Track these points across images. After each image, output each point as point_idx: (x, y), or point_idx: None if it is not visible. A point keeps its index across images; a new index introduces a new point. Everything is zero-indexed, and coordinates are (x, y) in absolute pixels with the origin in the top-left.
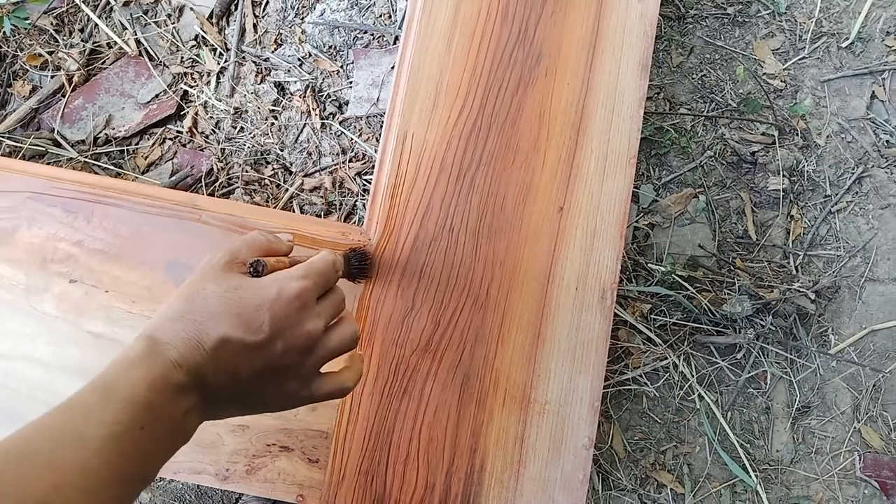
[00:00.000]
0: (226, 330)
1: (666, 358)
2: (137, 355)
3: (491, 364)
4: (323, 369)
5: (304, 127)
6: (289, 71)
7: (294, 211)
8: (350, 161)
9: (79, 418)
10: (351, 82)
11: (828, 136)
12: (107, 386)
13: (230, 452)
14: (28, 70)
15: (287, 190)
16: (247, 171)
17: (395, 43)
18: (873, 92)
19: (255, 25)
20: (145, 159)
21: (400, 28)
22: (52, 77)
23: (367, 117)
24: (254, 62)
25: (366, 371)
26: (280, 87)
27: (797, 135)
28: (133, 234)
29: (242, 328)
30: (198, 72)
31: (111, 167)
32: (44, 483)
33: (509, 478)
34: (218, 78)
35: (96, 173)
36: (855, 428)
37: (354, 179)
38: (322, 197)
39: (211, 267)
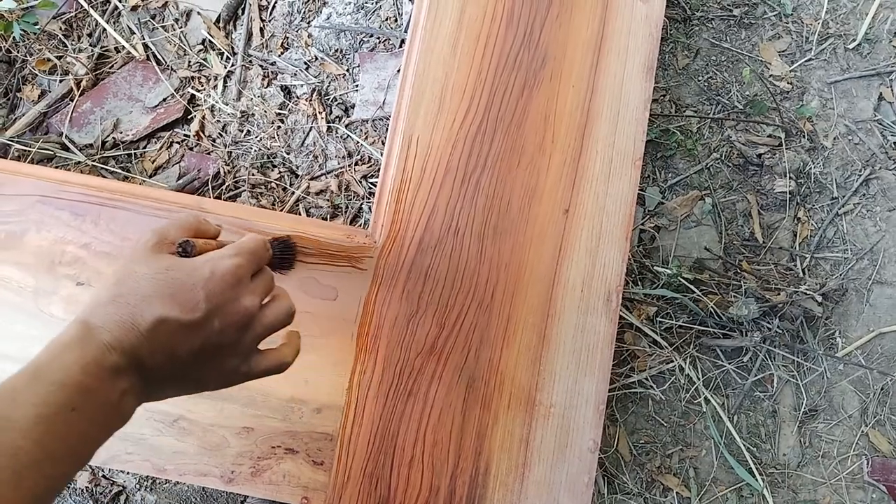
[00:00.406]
0: (161, 310)
1: (672, 361)
2: (70, 339)
3: (496, 366)
4: (262, 346)
5: (310, 130)
6: (295, 74)
7: (300, 214)
8: (356, 164)
9: (6, 401)
10: (357, 86)
11: (835, 138)
12: (37, 370)
13: (235, 454)
14: (37, 75)
15: (293, 193)
16: (253, 175)
17: (401, 46)
18: (881, 93)
19: (261, 29)
20: (153, 163)
21: (406, 31)
22: (60, 81)
23: (373, 120)
24: (260, 66)
25: (370, 373)
26: (286, 90)
27: (804, 137)
28: (140, 238)
29: (178, 308)
30: (205, 76)
31: (119, 171)
32: None
33: (514, 481)
34: (225, 82)
35: (104, 177)
36: (862, 432)
37: (360, 183)
38: (328, 200)
39: (140, 249)
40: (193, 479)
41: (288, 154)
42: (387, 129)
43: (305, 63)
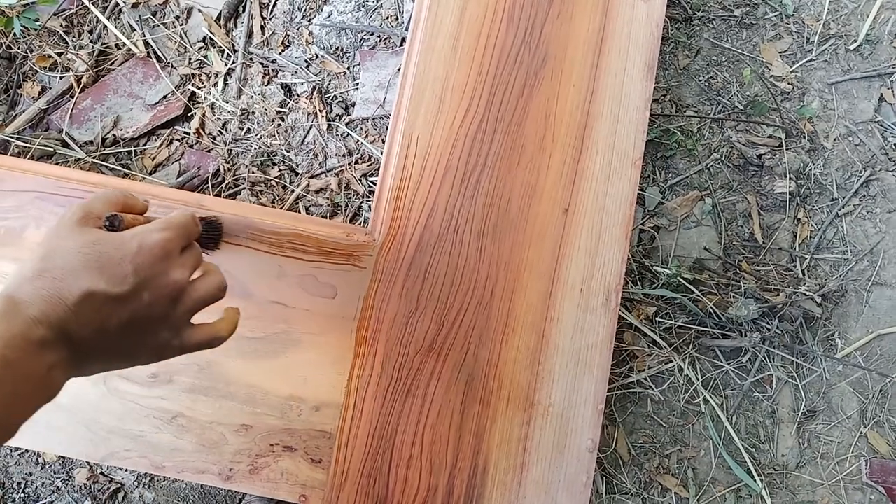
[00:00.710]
0: (89, 284)
1: (671, 361)
2: None
3: (495, 365)
4: (196, 322)
5: (310, 128)
6: (296, 72)
7: (300, 212)
8: (356, 162)
9: None
10: (357, 84)
11: (835, 139)
12: None
13: (233, 452)
14: (37, 71)
15: (293, 191)
16: (253, 172)
17: (401, 45)
18: (881, 95)
19: (262, 27)
20: (153, 160)
21: (407, 30)
22: (61, 78)
23: (374, 119)
24: (261, 64)
25: (369, 371)
26: (287, 88)
27: (804, 137)
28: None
29: (106, 281)
30: (205, 73)
31: (119, 168)
32: None
33: (512, 480)
34: (225, 79)
35: (104, 174)
36: (861, 433)
37: (360, 181)
38: (328, 198)
39: (65, 223)
40: (191, 476)
41: (288, 152)
42: (387, 128)
43: (306, 61)
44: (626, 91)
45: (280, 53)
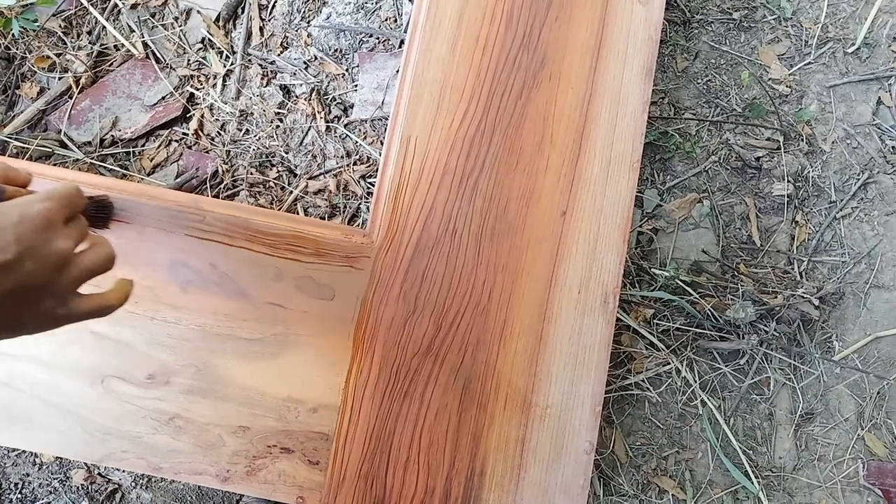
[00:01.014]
0: None
1: (669, 363)
2: None
3: (492, 368)
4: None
5: (308, 130)
6: (294, 74)
7: (298, 213)
8: (354, 164)
9: None
10: (356, 85)
11: (833, 142)
12: None
13: (231, 453)
14: (36, 72)
15: (291, 192)
16: (251, 174)
17: (400, 47)
18: (879, 98)
19: (261, 29)
20: (151, 161)
21: (405, 32)
22: (59, 79)
23: (372, 120)
24: (260, 65)
25: (366, 373)
26: (285, 89)
27: (802, 140)
28: (137, 236)
29: None
30: (204, 74)
31: (117, 168)
32: None
33: (510, 482)
34: (224, 80)
35: (102, 175)
36: (859, 435)
37: (359, 182)
38: (326, 200)
39: None
40: (189, 477)
41: (286, 153)
42: (386, 130)
43: (305, 62)
44: (624, 94)
45: (279, 55)
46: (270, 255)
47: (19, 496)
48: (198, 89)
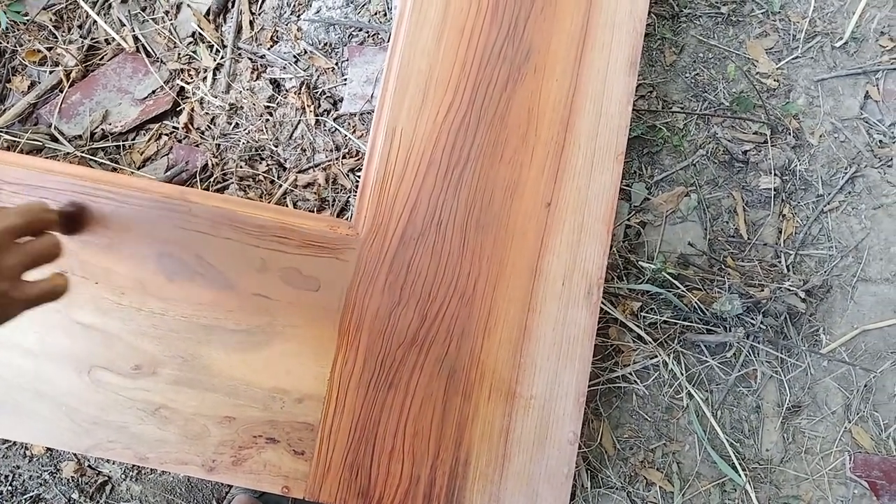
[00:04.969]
0: None
1: (656, 356)
2: None
3: (477, 358)
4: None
5: (298, 123)
6: (284, 68)
7: (288, 207)
8: (343, 157)
9: None
10: (345, 79)
11: (821, 136)
12: None
13: (216, 444)
14: (27, 65)
15: (281, 186)
16: (241, 167)
17: (389, 40)
18: (867, 92)
19: (251, 22)
20: (141, 154)
21: None
22: (50, 72)
23: (361, 114)
24: (250, 59)
25: (352, 364)
26: (275, 83)
27: (790, 134)
28: (124, 227)
29: None
30: (194, 68)
31: (108, 162)
32: None
33: (494, 471)
34: (214, 74)
35: (92, 168)
36: (846, 428)
37: (347, 176)
38: (315, 193)
39: None
40: (174, 467)
41: (276, 147)
42: None
43: (294, 56)
44: (609, 86)
45: (269, 49)
46: (256, 247)
47: (10, 488)
48: (188, 83)
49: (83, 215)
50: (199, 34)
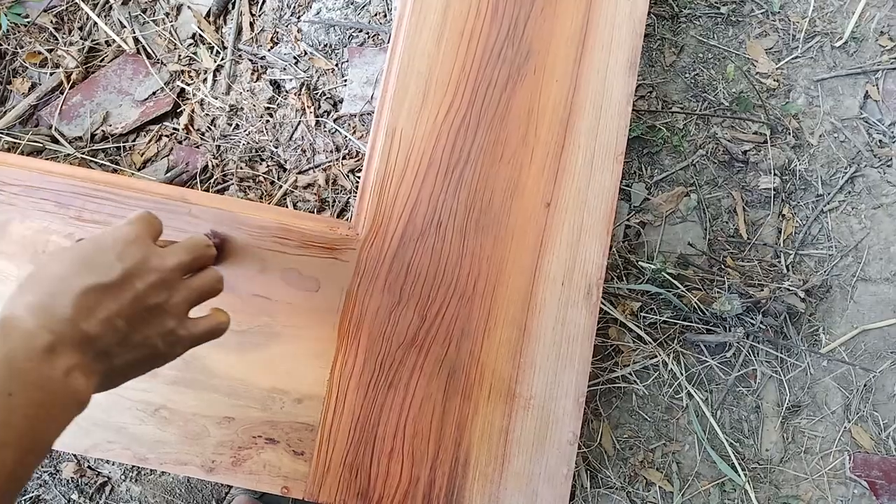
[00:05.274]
0: (81, 281)
1: (656, 356)
2: None
3: (477, 358)
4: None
5: (298, 124)
6: (284, 69)
7: (287, 208)
8: (343, 158)
9: None
10: (346, 80)
11: (820, 136)
12: None
13: (216, 444)
14: (27, 67)
15: (281, 187)
16: (241, 168)
17: (389, 41)
18: (867, 91)
19: (251, 24)
20: (141, 156)
21: None
22: (50, 74)
23: (361, 115)
24: (250, 60)
25: (351, 364)
26: (276, 84)
27: (789, 134)
28: None
29: (94, 273)
30: (194, 70)
31: (108, 164)
32: None
33: (493, 471)
34: (214, 76)
35: (93, 169)
36: (845, 428)
37: (348, 176)
38: (315, 194)
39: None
40: (174, 468)
41: (276, 148)
42: None
43: (295, 58)
44: (609, 86)
45: (269, 50)
46: (256, 248)
47: None
48: (188, 84)
49: (225, 246)
50: (200, 36)
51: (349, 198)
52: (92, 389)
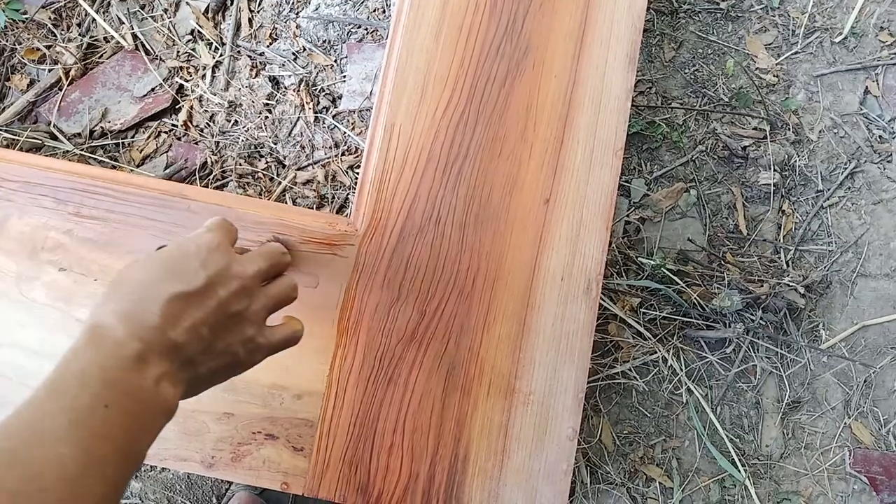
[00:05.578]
0: (167, 288)
1: (655, 352)
2: (82, 344)
3: (476, 354)
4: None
5: (297, 121)
6: (283, 65)
7: (287, 203)
8: (343, 154)
9: (35, 413)
10: (344, 76)
11: (820, 131)
12: (55, 380)
13: (215, 440)
14: (26, 64)
15: (280, 183)
16: (240, 165)
17: (388, 37)
18: (866, 87)
19: (250, 20)
20: (140, 152)
21: None
22: (49, 71)
23: (360, 111)
24: (249, 56)
25: (351, 360)
26: (274, 81)
27: (789, 130)
28: (122, 224)
29: (181, 281)
30: (193, 66)
31: (107, 160)
32: (14, 476)
33: (493, 467)
34: (213, 72)
35: (91, 166)
36: (845, 423)
37: (347, 173)
38: (314, 190)
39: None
40: (173, 464)
41: (275, 144)
42: None
43: (293, 54)
44: (608, 82)
45: (268, 46)
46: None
47: None
48: (187, 81)
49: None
50: (198, 32)
51: (348, 194)
52: (178, 397)
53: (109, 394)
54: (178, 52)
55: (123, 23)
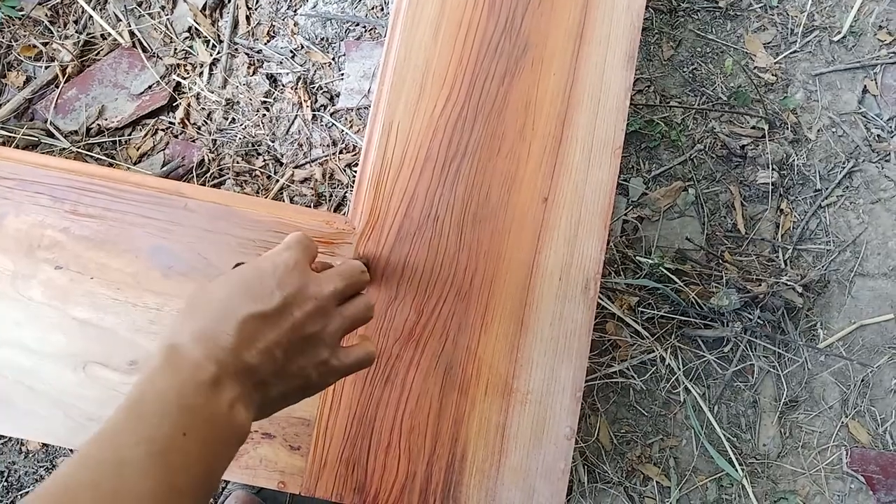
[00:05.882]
0: (242, 309)
1: (653, 351)
2: (159, 365)
3: (473, 353)
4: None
5: (295, 118)
6: (281, 63)
7: (284, 202)
8: (340, 152)
9: (114, 444)
10: (342, 74)
11: (819, 130)
12: (133, 406)
13: None
14: (22, 61)
15: (277, 181)
16: (238, 163)
17: (386, 35)
18: (865, 86)
19: (248, 17)
20: (137, 150)
21: None
22: (46, 68)
23: (358, 109)
24: (246, 54)
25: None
26: (272, 78)
27: (787, 128)
28: (119, 222)
29: (256, 302)
30: (190, 63)
31: (103, 157)
32: None
33: (490, 467)
34: (210, 69)
35: (88, 163)
36: (842, 423)
37: (344, 171)
38: (312, 188)
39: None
40: None
41: (273, 142)
42: None
43: (291, 51)
44: (607, 80)
45: (265, 44)
46: (252, 242)
47: (5, 484)
48: (184, 78)
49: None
50: (196, 29)
51: (346, 192)
52: (251, 420)
53: (187, 421)
54: (176, 49)
55: (120, 20)
